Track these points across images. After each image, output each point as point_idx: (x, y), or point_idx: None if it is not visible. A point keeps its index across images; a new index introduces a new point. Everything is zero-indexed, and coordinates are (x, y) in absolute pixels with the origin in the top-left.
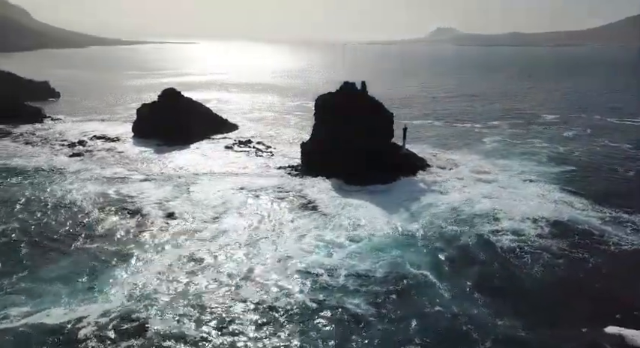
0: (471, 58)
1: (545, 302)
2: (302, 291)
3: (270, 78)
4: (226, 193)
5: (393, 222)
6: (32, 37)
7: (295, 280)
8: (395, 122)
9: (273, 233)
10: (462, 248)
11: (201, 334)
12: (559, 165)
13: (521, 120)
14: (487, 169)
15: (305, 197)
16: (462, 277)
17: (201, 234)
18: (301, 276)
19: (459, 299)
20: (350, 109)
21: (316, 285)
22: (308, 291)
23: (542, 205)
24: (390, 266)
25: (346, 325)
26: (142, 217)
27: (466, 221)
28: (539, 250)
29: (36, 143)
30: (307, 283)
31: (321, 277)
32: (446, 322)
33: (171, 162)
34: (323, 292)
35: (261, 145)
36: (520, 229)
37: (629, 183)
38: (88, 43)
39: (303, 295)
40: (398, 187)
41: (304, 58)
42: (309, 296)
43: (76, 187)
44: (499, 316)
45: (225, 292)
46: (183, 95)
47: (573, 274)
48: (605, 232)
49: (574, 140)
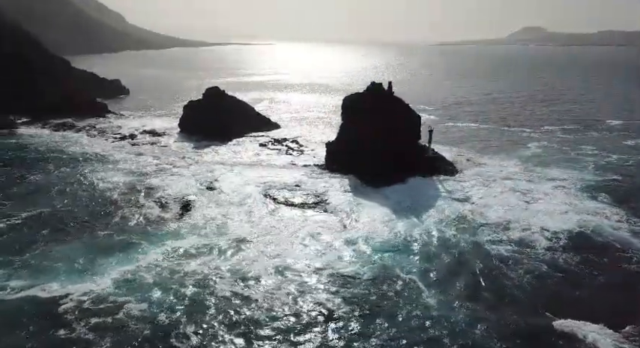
0: (549, 59)
1: (527, 316)
2: (280, 289)
3: (330, 79)
4: (245, 190)
5: (397, 225)
6: (122, 39)
7: (278, 278)
8: (424, 124)
9: (274, 229)
10: (457, 256)
11: (171, 322)
12: (604, 174)
13: (580, 125)
14: (518, 176)
15: (318, 196)
16: (449, 284)
17: (207, 229)
18: (283, 274)
19: (441, 305)
20: (376, 110)
21: (294, 284)
22: (286, 289)
23: (567, 215)
24: (380, 270)
25: (319, 324)
26: (158, 208)
27: (472, 229)
28: (538, 263)
29: (93, 135)
30: (288, 281)
31: (303, 276)
32: (420, 327)
33: (204, 157)
34: (300, 290)
35: (294, 144)
36: (530, 240)
37: None
38: (172, 44)
39: (281, 293)
40: (416, 190)
41: (371, 59)
42: (284, 294)
43: (109, 175)
44: (475, 325)
45: (204, 284)
46: (227, 94)
47: (566, 290)
48: (630, 247)
49: (633, 149)
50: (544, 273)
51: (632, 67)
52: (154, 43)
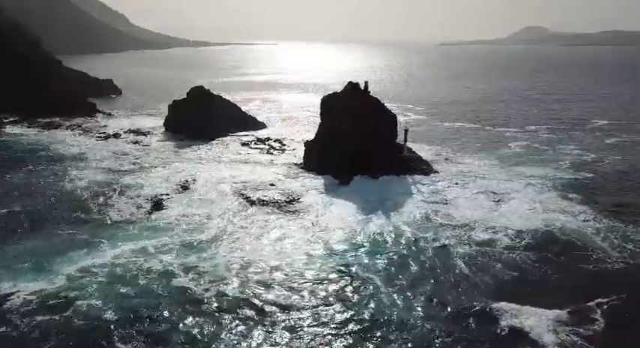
0: (548, 59)
1: (476, 314)
2: (235, 287)
3: (326, 78)
4: (219, 189)
5: (363, 224)
6: (124, 40)
7: (234, 276)
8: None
9: (240, 229)
10: (416, 255)
11: (118, 319)
12: (578, 173)
13: (566, 124)
14: (493, 174)
15: (290, 195)
16: (404, 281)
17: (173, 228)
18: (240, 273)
19: (394, 302)
20: (352, 110)
21: (251, 282)
22: (240, 287)
23: (534, 214)
24: (339, 267)
25: (271, 321)
26: (129, 206)
27: (435, 229)
28: (494, 262)
29: (77, 134)
30: (243, 279)
31: (262, 274)
32: (371, 322)
33: (183, 156)
34: (256, 288)
35: (277, 143)
36: (492, 239)
37: None
38: (174, 44)
39: (235, 292)
40: (388, 189)
41: (372, 59)
42: (238, 292)
43: (85, 174)
44: (423, 321)
45: (157, 282)
46: (212, 93)
47: (516, 287)
48: (592, 246)
49: (612, 148)
50: (498, 271)
51: (629, 67)
52: (156, 43)
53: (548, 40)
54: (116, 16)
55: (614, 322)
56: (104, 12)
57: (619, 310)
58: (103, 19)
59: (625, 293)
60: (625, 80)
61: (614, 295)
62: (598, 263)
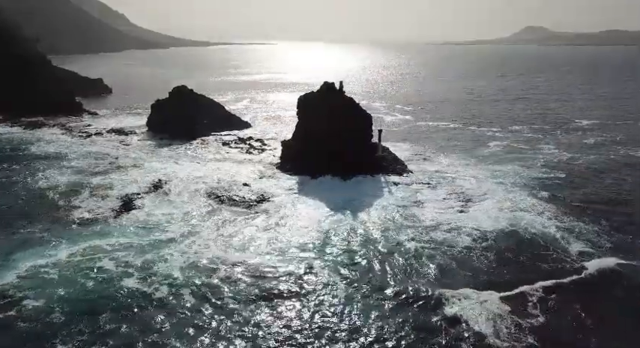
0: (546, 58)
1: (420, 304)
2: (188, 286)
3: (319, 78)
4: (191, 189)
5: (328, 223)
6: (123, 39)
7: (188, 275)
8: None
9: (204, 228)
10: (375, 254)
11: (65, 319)
12: (550, 172)
13: (550, 124)
14: (466, 174)
15: (262, 194)
16: (359, 279)
17: (136, 228)
18: (194, 272)
19: (347, 300)
20: (327, 110)
21: (204, 280)
22: (193, 286)
23: (501, 213)
24: (298, 264)
25: (222, 318)
26: (96, 206)
27: (398, 229)
28: (450, 260)
29: (59, 134)
30: (196, 278)
31: (217, 272)
32: (321, 318)
33: (160, 155)
34: (209, 286)
35: (258, 143)
36: (453, 240)
37: (617, 196)
38: (175, 44)
39: (186, 290)
40: (359, 189)
41: (370, 59)
42: (189, 292)
43: (58, 173)
44: (371, 311)
45: (108, 281)
46: (196, 93)
47: (464, 282)
48: (553, 245)
49: (590, 148)
50: (451, 268)
51: (629, 67)
52: (156, 43)
53: (549, 39)
54: (116, 17)
55: (552, 316)
56: (104, 12)
57: (560, 305)
58: (103, 19)
59: (572, 291)
60: (625, 80)
61: (560, 291)
62: (554, 261)
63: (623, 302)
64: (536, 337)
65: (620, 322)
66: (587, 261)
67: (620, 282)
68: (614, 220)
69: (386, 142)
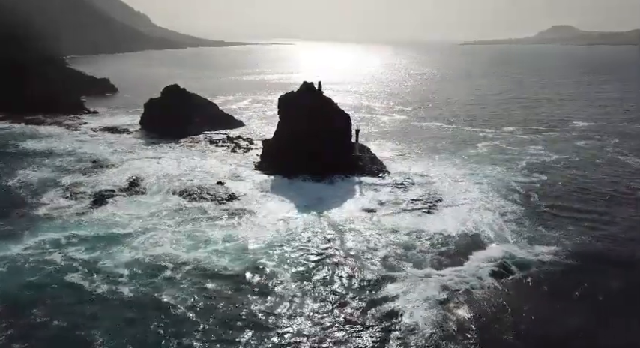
0: (565, 58)
1: (360, 299)
2: (135, 283)
3: (328, 77)
4: (165, 187)
5: (290, 224)
6: (142, 39)
7: (136, 272)
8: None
9: (165, 226)
10: (326, 254)
11: (26, 313)
12: (530, 174)
13: (545, 126)
14: (444, 175)
15: (233, 193)
16: (309, 277)
17: (98, 223)
18: (144, 268)
19: (295, 295)
20: (305, 110)
21: (152, 278)
22: (138, 282)
23: (469, 214)
24: (250, 264)
25: (163, 315)
26: (69, 202)
27: (358, 231)
28: (399, 261)
29: (53, 131)
30: (144, 276)
31: (165, 271)
32: (264, 316)
33: (145, 153)
34: (155, 283)
35: (245, 142)
36: (409, 243)
37: (590, 201)
38: (193, 44)
39: (132, 287)
40: (330, 190)
41: (386, 59)
42: (135, 288)
43: (36, 170)
44: (314, 307)
45: (53, 275)
46: (189, 92)
47: (404, 281)
48: (503, 247)
49: (578, 150)
50: (399, 269)
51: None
52: (174, 42)
53: (575, 39)
54: (138, 17)
55: (480, 313)
56: (126, 13)
57: (488, 303)
58: (125, 20)
59: (510, 289)
60: (629, 81)
61: (495, 291)
62: (496, 262)
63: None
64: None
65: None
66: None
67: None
68: (577, 226)
69: (373, 143)
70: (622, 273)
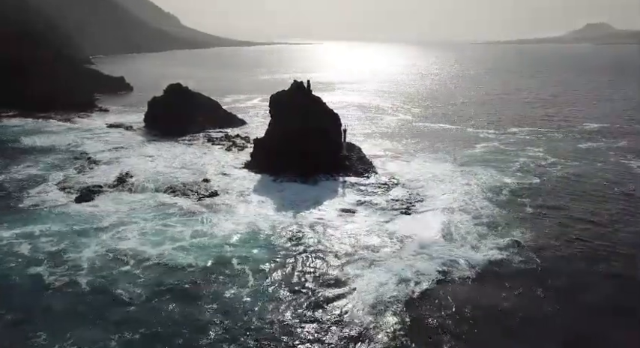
0: (591, 58)
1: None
2: (87, 276)
3: (355, 78)
4: (151, 183)
5: (261, 222)
6: (165, 38)
7: (97, 266)
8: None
9: (138, 219)
10: (293, 254)
11: None
12: (523, 177)
13: (552, 127)
14: (433, 176)
15: (215, 191)
16: (271, 275)
17: (75, 217)
18: (105, 262)
19: (256, 292)
20: (294, 109)
21: (112, 272)
22: (91, 276)
23: (443, 216)
24: (216, 260)
25: (109, 314)
26: (56, 196)
27: (327, 234)
28: (359, 261)
29: (59, 128)
30: (105, 270)
31: (127, 266)
32: (220, 313)
33: (141, 150)
34: (108, 277)
35: (242, 141)
36: (372, 245)
37: (576, 208)
38: (220, 44)
39: (83, 280)
40: (312, 189)
41: (406, 59)
42: (85, 281)
43: (34, 165)
44: (279, 305)
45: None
46: (191, 91)
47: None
48: (448, 256)
49: (580, 153)
50: (359, 268)
51: None
52: (200, 42)
53: (611, 37)
54: (168, 18)
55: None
56: (156, 14)
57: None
58: (154, 20)
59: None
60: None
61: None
62: (444, 265)
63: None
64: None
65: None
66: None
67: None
68: (550, 229)
69: (369, 142)
70: (573, 280)
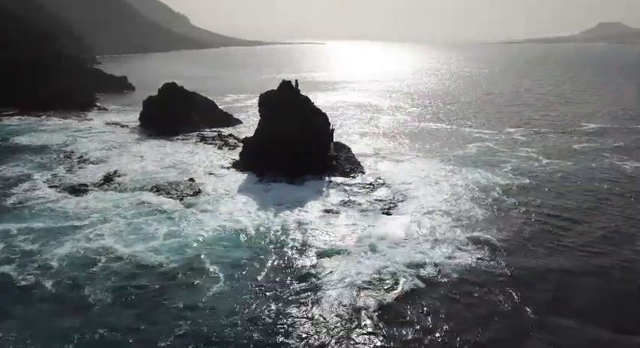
0: (599, 58)
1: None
2: (57, 274)
3: (345, 76)
4: (137, 182)
5: (239, 222)
6: (172, 39)
7: (62, 265)
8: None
9: (117, 217)
10: (258, 254)
11: None
12: (514, 178)
13: (550, 128)
14: (421, 177)
15: (199, 189)
16: (240, 277)
17: (52, 217)
18: (75, 258)
19: (225, 295)
20: (284, 108)
21: (75, 272)
22: (61, 273)
23: (423, 219)
24: (188, 260)
25: (76, 314)
26: (38, 195)
27: (305, 236)
28: (327, 261)
29: (52, 127)
30: (75, 268)
31: (95, 263)
32: (173, 309)
33: (132, 148)
34: (75, 278)
35: (234, 140)
36: (343, 248)
37: (563, 211)
38: (228, 43)
39: (50, 280)
40: (297, 190)
41: (413, 58)
42: (52, 282)
43: (24, 163)
44: (250, 306)
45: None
46: (185, 90)
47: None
48: (417, 259)
49: (574, 154)
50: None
51: None
52: (209, 42)
53: (625, 37)
54: (178, 18)
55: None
56: (166, 14)
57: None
58: (164, 20)
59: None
60: None
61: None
62: (410, 267)
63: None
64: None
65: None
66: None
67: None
68: (528, 232)
69: (361, 142)
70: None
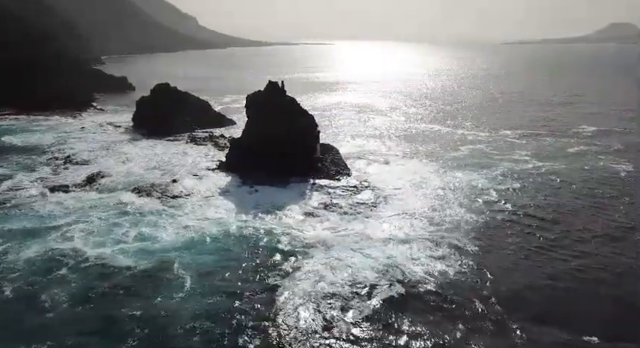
0: (606, 59)
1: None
2: (20, 277)
3: (349, 77)
4: (120, 183)
5: (214, 225)
6: (178, 40)
7: (27, 266)
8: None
9: (95, 219)
10: (230, 257)
11: None
12: (503, 181)
13: (546, 130)
14: (410, 179)
15: (181, 192)
16: (209, 281)
17: (29, 218)
18: (42, 261)
19: (187, 300)
20: (271, 109)
21: (41, 275)
22: (24, 277)
23: (402, 222)
24: (157, 263)
25: (22, 314)
26: (23, 194)
27: (280, 240)
28: (277, 271)
29: (46, 128)
30: (38, 267)
31: (61, 266)
32: (138, 314)
33: (121, 149)
34: (38, 280)
35: (224, 141)
36: (311, 248)
37: (551, 214)
38: (234, 44)
39: (14, 283)
40: (280, 192)
41: (421, 59)
42: (16, 283)
43: (7, 164)
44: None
45: None
46: (178, 90)
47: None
48: (390, 264)
49: (568, 157)
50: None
51: None
52: (215, 43)
53: (637, 37)
54: (186, 19)
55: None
56: (174, 15)
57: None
58: (172, 21)
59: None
60: None
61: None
62: (379, 272)
63: None
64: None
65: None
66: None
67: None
68: (520, 242)
69: (351, 143)
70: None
